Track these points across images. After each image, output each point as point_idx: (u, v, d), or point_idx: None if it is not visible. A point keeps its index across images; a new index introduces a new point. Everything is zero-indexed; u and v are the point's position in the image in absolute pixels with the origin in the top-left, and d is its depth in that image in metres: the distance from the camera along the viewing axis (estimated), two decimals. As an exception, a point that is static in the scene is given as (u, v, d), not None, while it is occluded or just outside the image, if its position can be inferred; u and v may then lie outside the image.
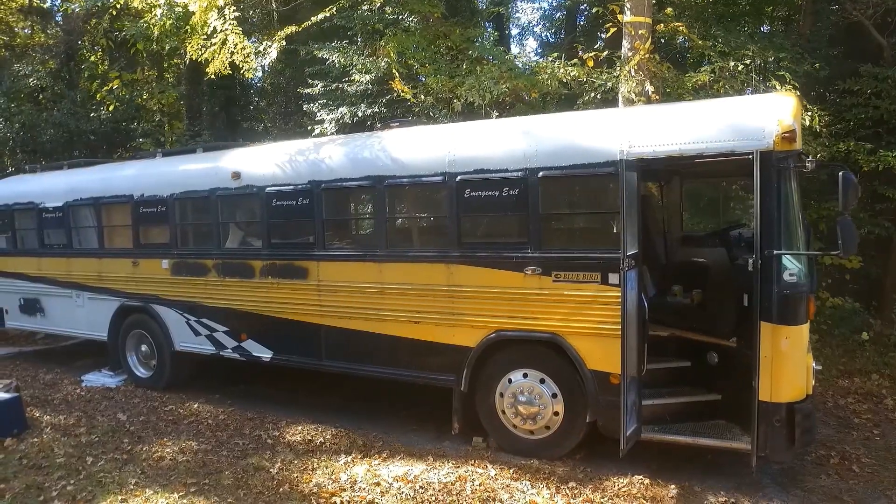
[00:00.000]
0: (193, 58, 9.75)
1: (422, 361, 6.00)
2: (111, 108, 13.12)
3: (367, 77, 11.91)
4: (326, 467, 5.52)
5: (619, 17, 7.64)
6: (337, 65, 12.72)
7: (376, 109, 13.04)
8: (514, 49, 13.41)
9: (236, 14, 8.91)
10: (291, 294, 6.67)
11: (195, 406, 7.34)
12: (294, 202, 6.57)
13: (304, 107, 14.15)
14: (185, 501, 4.94)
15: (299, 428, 6.51)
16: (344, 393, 7.47)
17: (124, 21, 9.62)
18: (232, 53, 8.94)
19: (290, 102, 18.98)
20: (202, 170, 7.35)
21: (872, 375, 7.42)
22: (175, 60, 18.04)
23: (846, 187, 4.23)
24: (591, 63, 7.87)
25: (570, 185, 5.28)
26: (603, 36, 10.92)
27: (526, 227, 5.39)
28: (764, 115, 4.58)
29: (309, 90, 13.99)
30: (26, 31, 23.24)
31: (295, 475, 5.37)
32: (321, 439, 6.20)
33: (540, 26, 10.75)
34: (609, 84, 7.69)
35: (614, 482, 5.08)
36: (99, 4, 7.57)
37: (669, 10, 8.00)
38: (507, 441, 5.72)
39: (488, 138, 5.65)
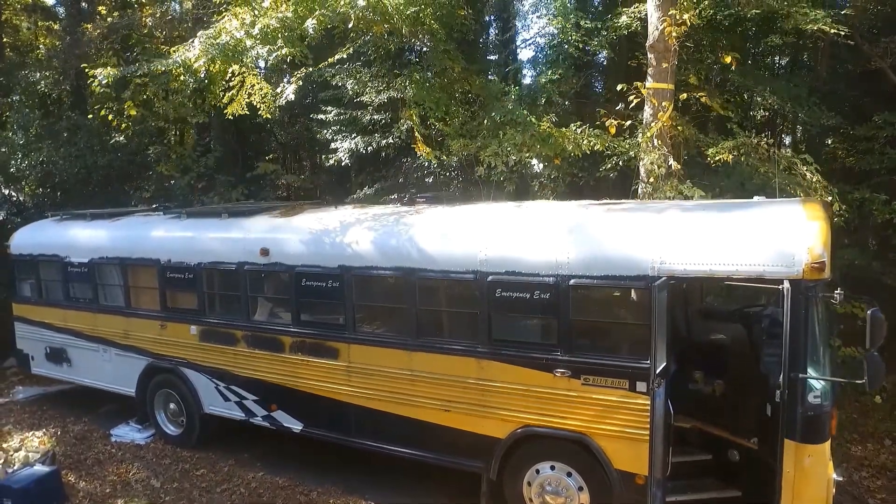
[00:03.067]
0: (212, 104, 9.81)
1: (451, 447, 6.19)
2: (124, 127, 13.10)
3: (379, 99, 11.91)
4: (362, 555, 5.75)
5: (642, 89, 7.71)
6: (350, 91, 12.82)
7: (391, 140, 13.14)
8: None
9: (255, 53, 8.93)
10: (321, 372, 6.84)
11: (226, 469, 7.55)
12: (324, 284, 6.71)
13: (318, 135, 14.20)
14: None
15: (331, 501, 6.73)
16: (370, 458, 7.55)
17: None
18: (249, 95, 9.00)
19: (296, 105, 19.02)
20: (230, 241, 7.45)
21: (885, 441, 7.63)
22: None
23: (874, 326, 4.40)
24: (612, 130, 7.95)
25: (601, 295, 5.42)
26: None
27: (556, 330, 5.56)
28: (795, 243, 4.72)
29: (322, 116, 14.06)
30: (29, 28, 23.06)
31: (333, 566, 5.61)
32: (353, 517, 6.43)
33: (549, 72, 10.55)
34: (632, 153, 7.78)
35: (639, 577, 5.30)
36: (126, 76, 7.64)
37: (693, 78, 8.05)
38: (533, 526, 5.95)
39: (520, 240, 5.77)
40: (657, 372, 4.99)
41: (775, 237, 4.85)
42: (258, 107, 9.49)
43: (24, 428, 8.93)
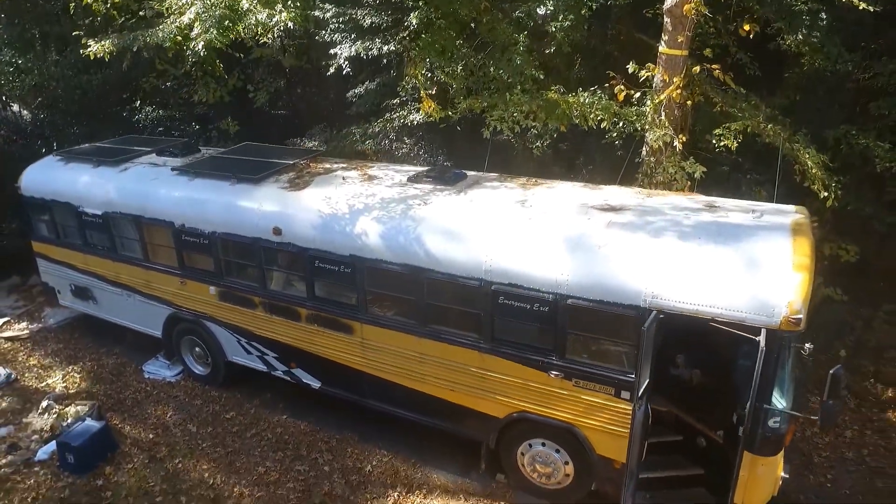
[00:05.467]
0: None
1: (455, 419, 7.02)
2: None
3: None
4: (379, 508, 6.82)
5: (653, 70, 7.48)
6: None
7: (392, 47, 12.68)
8: None
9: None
10: (337, 343, 7.47)
11: (252, 411, 8.49)
12: (336, 268, 7.10)
13: (317, 36, 13.52)
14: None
15: (349, 450, 7.72)
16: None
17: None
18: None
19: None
20: (241, 213, 7.66)
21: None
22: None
23: (833, 382, 4.93)
24: (621, 97, 7.83)
25: (594, 315, 5.84)
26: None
27: (552, 337, 6.10)
28: (777, 295, 5.11)
29: (318, 13, 13.35)
30: None
31: (354, 520, 6.69)
32: (369, 467, 7.43)
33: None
34: (637, 125, 7.75)
35: (610, 533, 6.40)
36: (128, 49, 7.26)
37: (708, 50, 7.71)
38: (524, 485, 6.97)
39: (523, 255, 6.08)
40: (639, 394, 5.62)
41: (760, 286, 5.21)
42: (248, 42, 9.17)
43: (62, 360, 9.76)
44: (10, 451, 7.50)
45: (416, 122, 12.40)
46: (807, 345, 5.11)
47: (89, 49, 7.33)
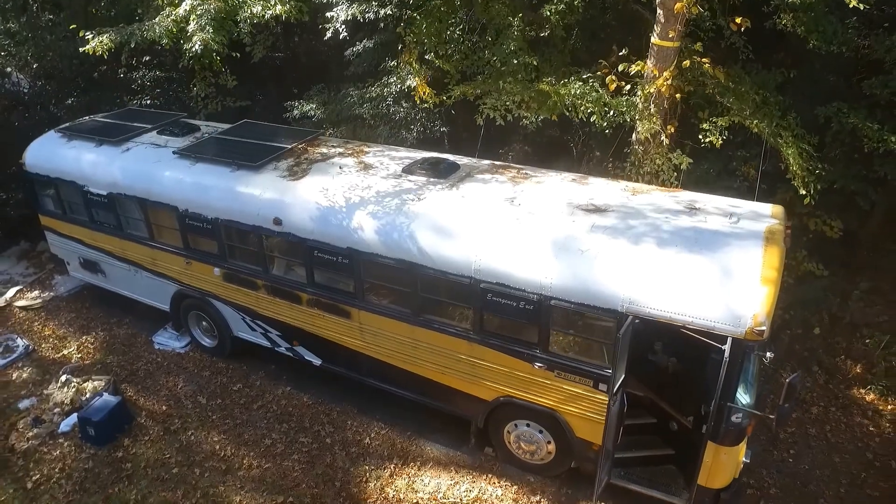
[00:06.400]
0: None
1: (447, 399, 7.56)
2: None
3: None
4: (377, 479, 7.45)
5: (642, 67, 7.55)
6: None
7: (389, 11, 12.56)
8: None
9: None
10: (336, 325, 7.92)
11: (258, 383, 9.04)
12: (335, 258, 7.44)
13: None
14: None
15: (349, 422, 8.30)
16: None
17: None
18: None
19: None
20: (242, 201, 7.93)
21: (813, 368, 9.03)
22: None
23: (789, 390, 5.38)
24: (612, 87, 7.95)
25: (575, 315, 6.25)
26: None
27: (537, 332, 6.53)
28: (743, 307, 5.48)
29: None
30: None
31: (354, 490, 7.32)
32: (368, 440, 8.03)
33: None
34: (627, 117, 7.90)
35: (586, 505, 7.06)
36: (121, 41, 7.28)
37: (699, 44, 7.75)
38: (511, 459, 7.58)
39: (510, 258, 6.42)
40: (614, 390, 6.09)
41: (728, 297, 5.57)
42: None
43: (76, 330, 10.26)
44: (35, 424, 8.09)
45: (413, 87, 12.42)
46: (768, 353, 5.53)
47: (88, 46, 7.41)
